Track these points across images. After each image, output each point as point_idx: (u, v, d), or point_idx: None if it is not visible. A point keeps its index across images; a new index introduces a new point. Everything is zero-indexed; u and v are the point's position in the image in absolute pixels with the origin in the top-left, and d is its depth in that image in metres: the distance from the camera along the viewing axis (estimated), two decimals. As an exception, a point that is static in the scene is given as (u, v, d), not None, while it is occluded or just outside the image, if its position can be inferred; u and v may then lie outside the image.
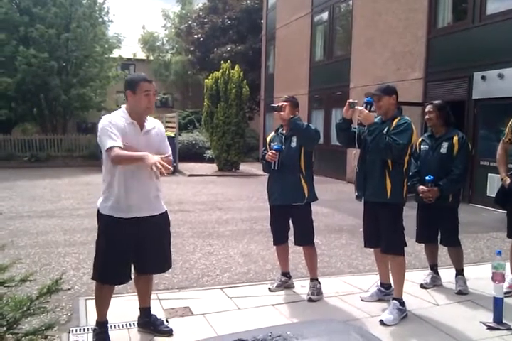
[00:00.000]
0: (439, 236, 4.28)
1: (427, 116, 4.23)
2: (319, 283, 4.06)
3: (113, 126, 2.90)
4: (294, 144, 3.96)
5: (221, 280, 4.54)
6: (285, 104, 3.94)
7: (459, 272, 4.26)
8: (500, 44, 8.68)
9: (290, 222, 4.11)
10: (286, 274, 4.29)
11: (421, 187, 4.08)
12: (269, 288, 4.19)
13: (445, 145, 4.11)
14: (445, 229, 4.23)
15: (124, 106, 3.08)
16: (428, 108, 4.24)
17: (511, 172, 4.07)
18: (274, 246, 4.31)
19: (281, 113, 3.92)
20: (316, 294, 3.95)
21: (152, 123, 3.14)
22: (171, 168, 2.71)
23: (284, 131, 4.08)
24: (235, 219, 7.51)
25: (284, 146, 3.97)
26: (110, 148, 2.82)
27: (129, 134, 2.94)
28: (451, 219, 4.21)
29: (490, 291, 3.61)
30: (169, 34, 32.07)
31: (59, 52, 17.96)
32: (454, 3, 10.26)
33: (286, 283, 4.24)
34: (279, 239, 4.18)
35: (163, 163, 2.65)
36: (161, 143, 3.14)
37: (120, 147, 2.83)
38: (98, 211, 3.07)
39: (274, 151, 3.91)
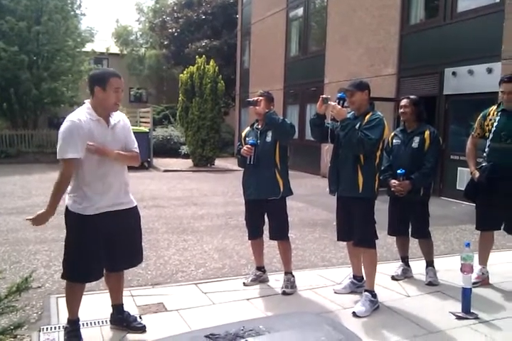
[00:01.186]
0: (410, 229, 4.37)
1: (402, 110, 4.28)
2: (293, 276, 4.09)
3: (75, 131, 2.81)
4: (269, 139, 3.97)
5: (196, 275, 4.53)
6: (260, 98, 3.94)
7: (429, 264, 4.35)
8: (470, 41, 8.86)
9: (265, 216, 4.13)
10: (260, 268, 4.30)
11: (393, 181, 4.14)
12: (243, 283, 4.20)
13: (417, 139, 4.17)
14: (416, 222, 4.31)
15: (88, 102, 3.00)
16: (404, 102, 4.29)
17: (480, 166, 4.17)
18: (249, 241, 4.32)
19: (257, 107, 3.93)
20: (290, 287, 3.99)
21: (117, 117, 3.08)
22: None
23: (260, 126, 4.08)
24: (210, 215, 7.50)
25: (259, 141, 3.97)
26: (66, 160, 2.82)
27: (95, 132, 2.90)
28: (422, 212, 4.29)
29: (459, 282, 3.70)
30: (143, 28, 31.62)
31: (30, 46, 17.52)
32: (426, 0, 10.41)
33: (260, 277, 4.26)
34: (254, 233, 4.19)
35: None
36: (127, 137, 3.11)
37: (77, 159, 2.84)
38: (66, 208, 3.02)
39: (249, 146, 3.92)
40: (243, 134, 4.24)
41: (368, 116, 3.62)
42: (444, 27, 9.53)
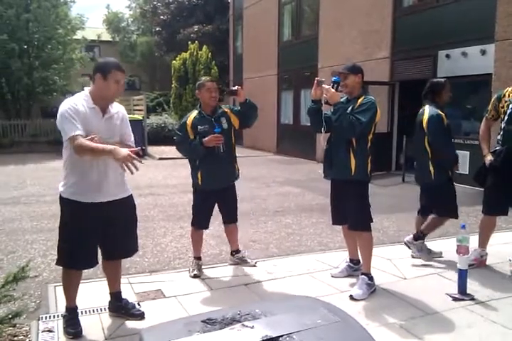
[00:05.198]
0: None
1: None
2: (242, 251, 4.36)
3: (73, 112, 2.80)
4: (225, 125, 4.00)
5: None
6: (239, 87, 4.01)
7: (422, 237, 4.36)
8: (463, 23, 8.78)
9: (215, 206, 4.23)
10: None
11: None
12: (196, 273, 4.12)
13: None
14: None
15: (87, 89, 2.99)
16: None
17: (494, 149, 4.06)
18: (202, 230, 4.34)
19: (236, 97, 3.98)
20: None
21: (115, 108, 3.05)
22: (141, 162, 2.64)
23: (210, 113, 4.03)
24: (206, 202, 7.48)
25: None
26: (73, 137, 2.74)
27: (89, 119, 2.86)
28: None
29: (455, 264, 3.72)
30: (134, 14, 31.24)
31: (19, 34, 17.29)
32: (419, -19, 10.30)
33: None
34: (205, 223, 4.24)
35: (134, 157, 2.58)
36: (124, 129, 3.07)
37: (82, 136, 2.75)
38: (60, 196, 3.00)
39: (217, 135, 3.84)
40: (189, 122, 4.00)
41: (360, 100, 3.60)
42: (437, 9, 9.44)
